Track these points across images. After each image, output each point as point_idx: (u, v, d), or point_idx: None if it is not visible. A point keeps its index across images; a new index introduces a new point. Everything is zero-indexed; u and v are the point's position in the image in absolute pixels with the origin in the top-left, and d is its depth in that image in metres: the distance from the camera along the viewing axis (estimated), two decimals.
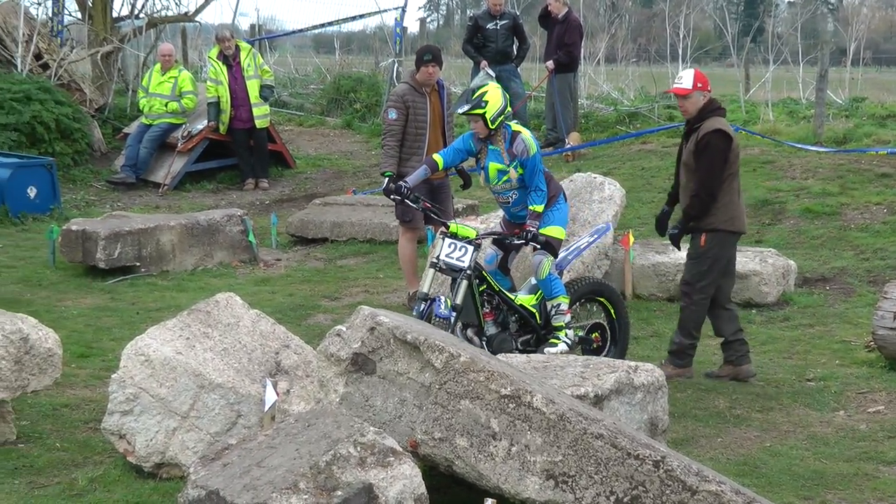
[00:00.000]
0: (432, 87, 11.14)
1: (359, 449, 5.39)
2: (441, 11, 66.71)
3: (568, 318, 8.79)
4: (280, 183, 18.22)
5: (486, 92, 8.97)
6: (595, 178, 11.89)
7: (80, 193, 17.28)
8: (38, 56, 19.84)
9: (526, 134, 8.98)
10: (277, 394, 6.70)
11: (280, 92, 22.95)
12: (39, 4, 22.57)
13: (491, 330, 8.80)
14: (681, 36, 23.26)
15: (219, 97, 17.49)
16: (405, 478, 5.41)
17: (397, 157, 10.95)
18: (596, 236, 9.67)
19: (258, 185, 17.90)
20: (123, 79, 21.75)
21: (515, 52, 18.91)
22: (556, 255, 8.87)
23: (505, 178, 8.91)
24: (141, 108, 18.29)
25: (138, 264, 12.49)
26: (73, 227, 12.48)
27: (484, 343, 8.65)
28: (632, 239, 11.51)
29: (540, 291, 8.91)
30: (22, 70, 19.06)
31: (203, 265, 12.96)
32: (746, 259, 11.30)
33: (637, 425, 6.82)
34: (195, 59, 26.19)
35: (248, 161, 17.92)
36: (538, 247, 8.71)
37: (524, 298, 8.95)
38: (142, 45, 23.08)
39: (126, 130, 18.94)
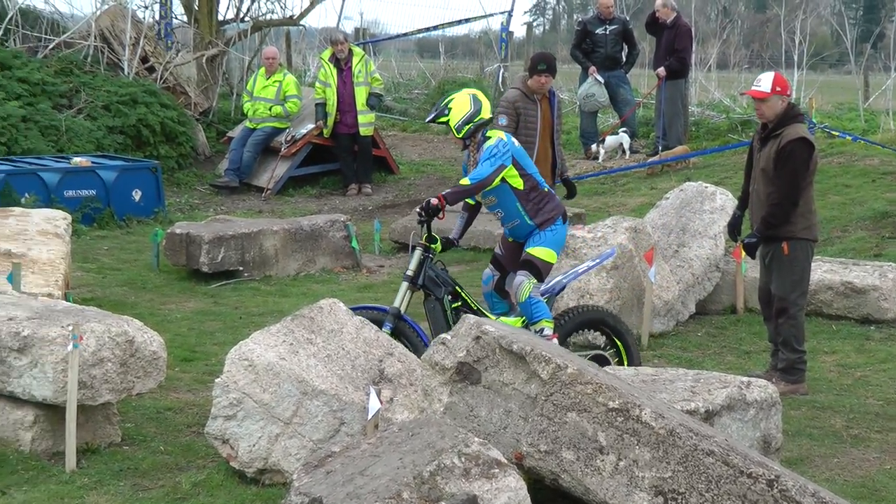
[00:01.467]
0: (543, 94, 11.13)
1: (463, 460, 5.40)
2: (547, 16, 66.66)
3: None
4: (383, 188, 18.33)
5: (452, 99, 8.62)
6: (706, 187, 11.80)
7: (184, 197, 17.55)
8: (144, 59, 20.19)
9: (494, 136, 8.48)
10: (381, 402, 6.74)
11: (384, 97, 23.09)
12: (146, 8, 22.96)
13: None
14: (796, 42, 22.96)
15: (326, 99, 17.64)
16: (510, 490, 5.41)
17: None
18: (598, 261, 9.28)
19: (361, 191, 18.03)
20: (228, 82, 22.05)
21: (625, 58, 18.84)
22: (540, 278, 8.47)
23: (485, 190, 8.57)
24: (245, 111, 18.52)
25: (241, 269, 12.64)
26: (177, 231, 12.68)
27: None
28: (744, 251, 11.39)
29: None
30: (128, 73, 19.41)
31: (306, 270, 13.09)
32: (865, 273, 11.13)
33: (749, 443, 6.75)
34: (299, 62, 26.46)
35: (351, 166, 18.05)
36: (422, 215, 8.37)
37: (507, 320, 8.43)
38: (246, 48, 23.38)
39: (230, 134, 19.18)
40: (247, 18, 22.32)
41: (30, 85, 17.76)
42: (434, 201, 8.34)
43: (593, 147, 18.51)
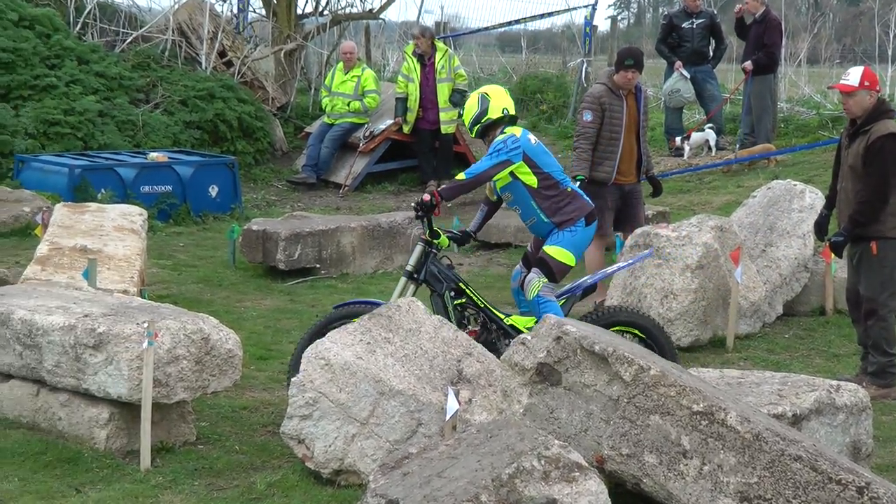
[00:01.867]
0: (629, 90, 11.05)
1: (543, 462, 5.39)
2: (632, 9, 66.24)
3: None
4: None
5: (468, 99, 8.77)
6: (795, 185, 11.67)
7: (261, 193, 17.68)
8: (221, 53, 20.36)
9: (510, 132, 8.50)
10: (459, 402, 6.73)
11: (467, 93, 23.10)
12: (225, 1, 23.17)
13: None
14: (891, 36, 22.67)
15: (408, 94, 17.63)
16: (591, 494, 5.39)
17: (590, 161, 10.90)
18: (631, 262, 9.30)
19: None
20: (306, 77, 22.17)
21: (712, 53, 18.69)
22: (552, 278, 8.46)
23: (498, 186, 8.66)
24: (323, 107, 18.59)
25: (318, 266, 12.71)
26: (254, 227, 12.77)
27: None
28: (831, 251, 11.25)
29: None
30: (206, 67, 19.59)
31: (383, 268, 13.13)
32: None
33: (838, 448, 6.68)
34: (378, 57, 26.53)
35: (430, 162, 18.04)
36: (418, 211, 8.45)
37: (518, 319, 8.49)
38: (325, 42, 23.49)
39: (308, 129, 19.29)
40: (326, 12, 22.44)
41: (107, 79, 17.98)
42: (427, 197, 8.41)
43: (678, 140, 18.36)
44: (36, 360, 7.50)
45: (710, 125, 18.51)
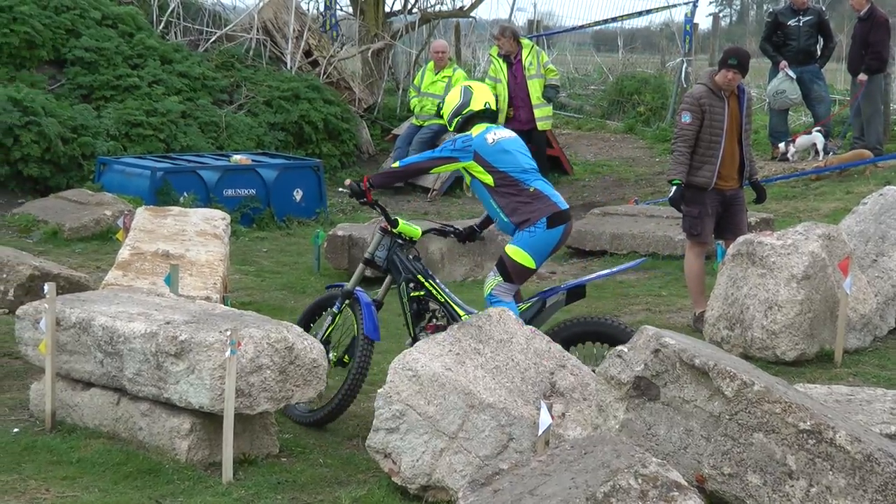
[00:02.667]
0: (732, 90, 10.94)
1: (640, 481, 5.34)
2: (735, 6, 65.76)
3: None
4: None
5: (450, 92, 8.84)
6: None
7: (347, 197, 17.74)
8: (307, 53, 20.52)
9: (471, 130, 8.57)
10: (552, 417, 6.70)
11: (560, 89, 23.06)
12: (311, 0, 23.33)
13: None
14: None
15: (497, 96, 17.60)
16: None
17: (687, 165, 10.81)
18: (619, 268, 9.18)
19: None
20: (394, 77, 22.28)
21: (819, 52, 18.48)
22: (509, 279, 8.47)
23: (466, 182, 8.80)
24: (412, 108, 18.64)
25: None
26: (339, 233, 12.84)
27: None
28: None
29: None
30: (291, 67, 19.76)
31: (473, 276, 13.13)
32: None
33: None
34: (468, 56, 26.58)
35: None
36: (349, 194, 8.76)
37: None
38: (414, 41, 23.58)
39: (395, 131, 19.37)
40: (415, 10, 22.54)
41: (190, 79, 18.22)
42: (356, 183, 8.66)
43: (781, 146, 18.17)
44: (117, 368, 7.59)
45: (819, 128, 18.29)
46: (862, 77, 17.62)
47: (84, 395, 7.93)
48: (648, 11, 24.91)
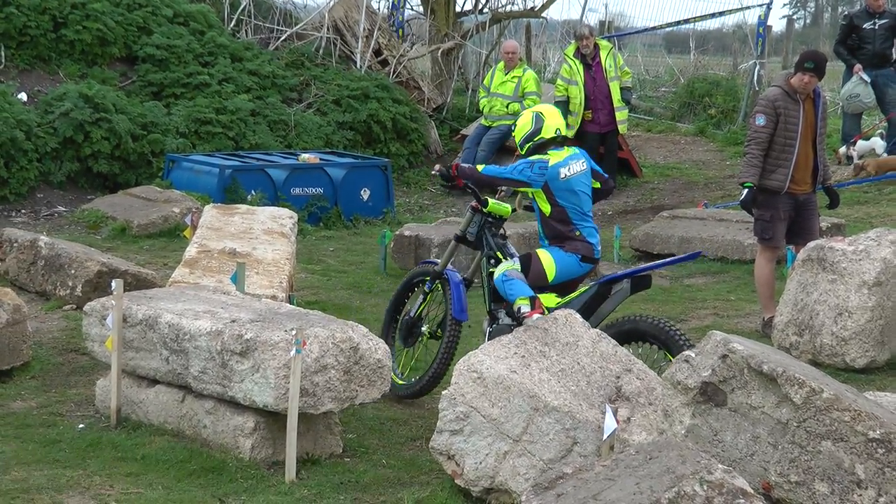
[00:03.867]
0: (807, 94, 10.83)
1: (705, 488, 5.30)
2: (809, 9, 65.25)
3: (535, 318, 7.75)
4: (625, 192, 18.22)
5: (521, 116, 9.12)
6: None
7: (414, 197, 17.80)
8: (377, 52, 20.58)
9: (548, 157, 8.80)
10: (617, 421, 6.67)
11: (632, 91, 23.01)
12: None
13: (504, 321, 8.70)
14: None
15: (568, 97, 17.48)
16: None
17: (760, 168, 10.71)
18: (676, 259, 9.28)
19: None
20: (463, 77, 22.29)
21: (895, 55, 18.26)
22: (525, 271, 8.69)
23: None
24: (481, 108, 18.62)
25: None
26: (406, 233, 12.85)
27: (486, 335, 8.65)
28: None
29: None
30: (361, 66, 19.82)
31: None
32: None
33: None
34: (538, 57, 26.54)
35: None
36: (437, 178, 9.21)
37: (542, 296, 8.68)
38: (484, 41, 23.58)
39: (464, 132, 19.37)
40: (486, 10, 22.53)
41: (260, 77, 18.33)
42: (445, 169, 9.17)
43: (841, 150, 17.97)
44: (182, 366, 7.64)
45: (881, 131, 18.08)
46: None
47: (149, 392, 7.99)
48: (721, 13, 24.77)
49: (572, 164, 8.82)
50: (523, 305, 8.51)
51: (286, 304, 8.82)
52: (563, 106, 17.52)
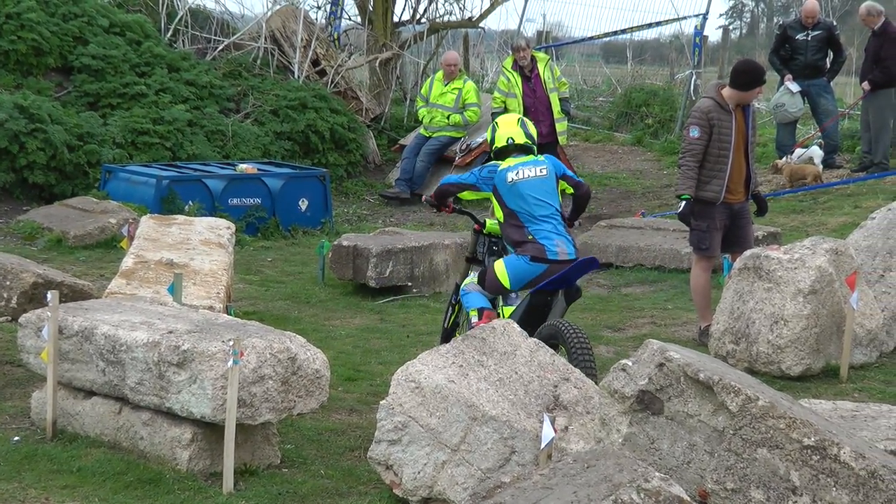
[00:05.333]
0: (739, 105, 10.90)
1: (642, 496, 5.33)
2: (745, 19, 65.76)
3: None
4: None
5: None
6: None
7: (353, 207, 17.78)
8: (315, 62, 20.54)
9: (501, 163, 9.13)
10: (555, 430, 6.69)
11: (570, 102, 23.08)
12: (319, 8, 23.34)
13: None
14: None
15: (507, 109, 17.47)
16: None
17: (696, 180, 10.78)
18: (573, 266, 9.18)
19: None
20: (402, 87, 22.29)
21: (829, 65, 18.46)
22: (482, 284, 9.01)
23: None
24: (420, 118, 18.64)
25: (410, 284, 12.74)
26: (345, 243, 12.83)
27: None
28: None
29: (515, 305, 9.03)
30: (298, 76, 19.77)
31: None
32: None
33: None
34: (477, 67, 26.59)
35: None
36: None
37: (506, 309, 9.07)
38: (422, 51, 23.60)
39: (402, 142, 19.37)
40: (423, 20, 22.54)
41: (197, 88, 18.25)
42: (427, 201, 9.62)
43: (781, 161, 18.12)
44: (119, 378, 7.58)
45: (819, 140, 18.26)
46: (865, 86, 17.63)
47: (85, 403, 7.92)
48: (658, 23, 24.89)
49: (523, 170, 8.97)
50: (473, 316, 8.85)
51: (224, 314, 8.78)
52: None
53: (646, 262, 13.96)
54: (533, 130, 9.34)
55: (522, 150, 9.17)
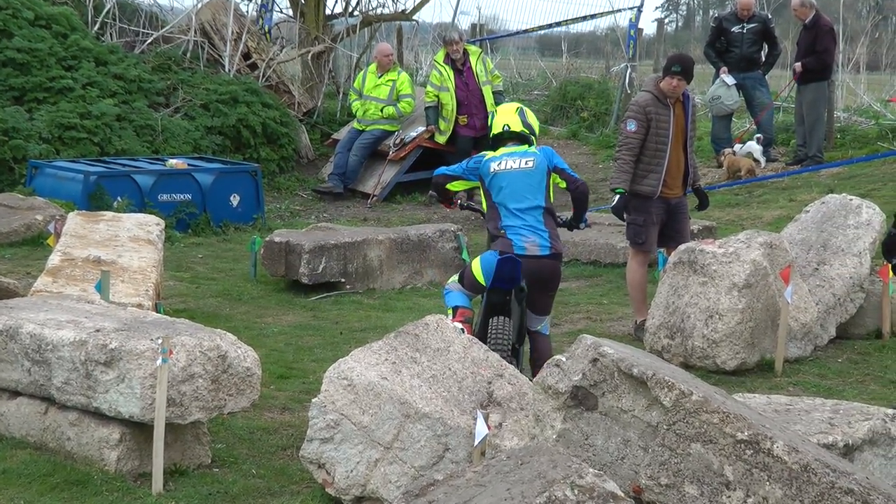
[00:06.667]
0: (677, 98, 10.97)
1: (576, 492, 5.34)
2: (681, 11, 66.11)
3: (457, 325, 8.15)
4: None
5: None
6: (851, 200, 11.60)
7: (285, 203, 17.72)
8: (246, 55, 20.44)
9: (487, 153, 9.25)
10: (489, 427, 6.71)
11: (504, 95, 23.10)
12: (250, 1, 23.23)
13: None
14: None
15: (440, 103, 17.51)
16: None
17: (631, 174, 10.84)
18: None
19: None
20: (334, 81, 22.22)
21: (763, 59, 18.62)
22: (462, 282, 9.00)
23: None
24: (354, 111, 18.59)
25: (343, 280, 12.72)
26: (276, 239, 12.79)
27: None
28: (892, 271, 11.18)
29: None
30: (229, 70, 19.67)
31: (412, 283, 13.12)
32: None
33: (893, 482, 6.61)
34: (411, 60, 26.57)
35: None
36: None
37: None
38: (355, 44, 23.55)
39: (335, 136, 19.33)
40: (356, 12, 22.49)
41: (125, 82, 18.09)
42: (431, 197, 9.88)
43: (727, 150, 18.27)
44: (45, 377, 7.52)
45: (759, 134, 18.40)
46: (797, 67, 17.80)
47: (10, 404, 7.85)
48: (593, 16, 24.98)
49: (507, 160, 8.95)
50: (448, 315, 8.74)
51: (153, 312, 8.74)
52: (435, 111, 17.58)
53: (581, 257, 14.02)
54: (533, 120, 9.26)
55: (519, 138, 9.12)
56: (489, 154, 9.06)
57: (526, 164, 8.93)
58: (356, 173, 18.26)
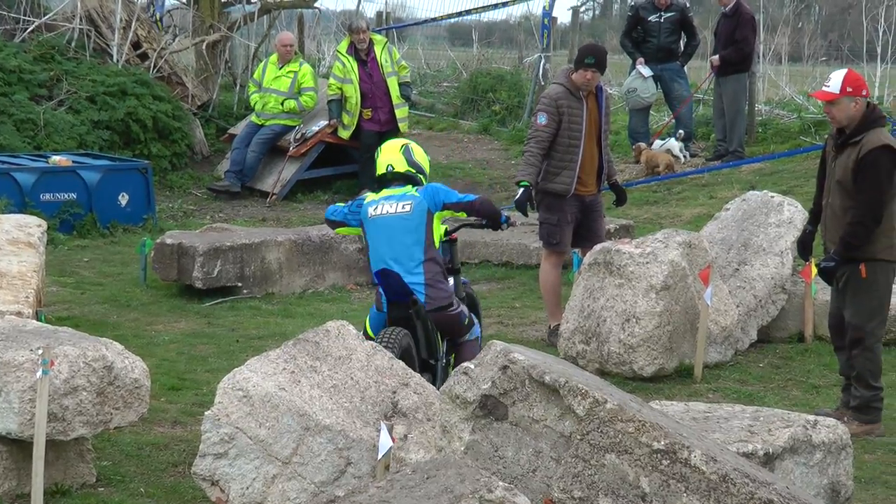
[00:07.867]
0: (590, 90, 11.03)
1: None
2: (597, 0, 66.51)
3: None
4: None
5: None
6: (772, 197, 11.74)
7: (178, 202, 17.59)
8: (136, 45, 20.26)
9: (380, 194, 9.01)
10: (393, 439, 6.71)
11: (412, 87, 23.12)
12: None
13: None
14: (880, 32, 22.88)
15: (343, 96, 17.47)
16: None
17: (538, 168, 10.89)
18: None
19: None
20: (231, 72, 22.09)
21: (682, 49, 18.78)
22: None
23: None
24: (252, 104, 18.50)
25: (240, 285, 12.65)
26: (168, 241, 12.70)
27: None
28: (814, 270, 11.31)
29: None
30: (118, 60, 19.48)
31: (313, 288, 13.09)
32: None
33: (815, 491, 6.70)
34: (313, 50, 26.49)
35: (370, 168, 17.97)
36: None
37: None
38: (253, 33, 23.43)
39: (232, 131, 19.21)
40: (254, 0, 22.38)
41: (4, 73, 17.85)
42: None
43: (642, 144, 18.40)
44: None
45: (680, 130, 18.55)
46: (714, 60, 17.98)
47: None
48: (505, 3, 25.08)
49: (384, 205, 8.64)
50: None
51: (33, 321, 8.63)
52: (338, 104, 17.54)
53: (492, 259, 14.06)
54: (421, 158, 8.91)
55: (404, 179, 8.78)
56: (369, 196, 8.79)
57: (402, 208, 8.61)
58: (254, 170, 18.17)
